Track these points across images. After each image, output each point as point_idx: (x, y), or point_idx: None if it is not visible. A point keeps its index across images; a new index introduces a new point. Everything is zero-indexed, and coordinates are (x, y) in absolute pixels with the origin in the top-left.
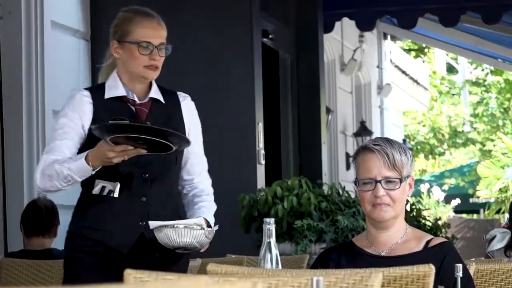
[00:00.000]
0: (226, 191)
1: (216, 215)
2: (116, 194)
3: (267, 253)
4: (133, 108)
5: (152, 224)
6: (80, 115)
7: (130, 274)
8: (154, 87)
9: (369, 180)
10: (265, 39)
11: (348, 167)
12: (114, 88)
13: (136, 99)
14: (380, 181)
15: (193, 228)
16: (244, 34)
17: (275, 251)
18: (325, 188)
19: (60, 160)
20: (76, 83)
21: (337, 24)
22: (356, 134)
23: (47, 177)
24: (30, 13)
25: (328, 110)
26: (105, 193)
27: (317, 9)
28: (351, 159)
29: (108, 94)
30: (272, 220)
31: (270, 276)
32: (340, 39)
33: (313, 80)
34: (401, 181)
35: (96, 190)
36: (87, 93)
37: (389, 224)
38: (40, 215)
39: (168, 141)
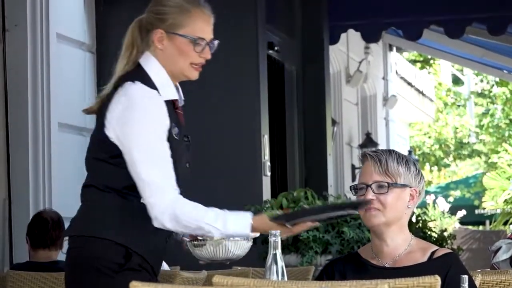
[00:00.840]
0: (232, 202)
1: None
2: None
3: (273, 265)
4: (175, 112)
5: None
6: (167, 124)
7: (136, 286)
8: (179, 88)
9: (362, 185)
10: (270, 51)
11: (353, 179)
12: (167, 88)
13: (181, 102)
14: (370, 185)
15: (247, 240)
16: (250, 46)
17: (281, 262)
18: (331, 200)
19: (207, 216)
20: (82, 96)
21: (343, 35)
22: (362, 146)
23: (183, 225)
24: (36, 25)
25: (334, 122)
26: None
27: (322, 20)
28: (357, 170)
29: (165, 95)
30: (278, 232)
31: (276, 287)
32: (346, 51)
33: (318, 92)
34: (390, 185)
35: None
36: (156, 92)
37: (382, 230)
38: (46, 227)
39: (348, 212)
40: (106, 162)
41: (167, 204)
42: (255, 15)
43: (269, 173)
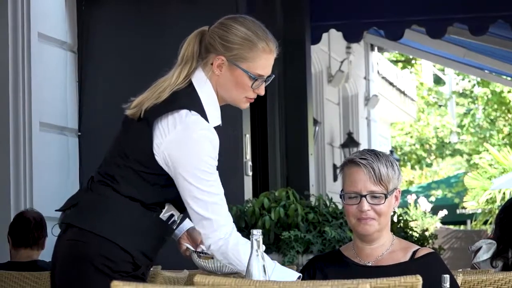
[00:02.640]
0: None
1: None
2: (175, 226)
3: (254, 263)
4: None
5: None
6: (217, 159)
7: (117, 285)
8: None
9: (355, 194)
10: None
11: (335, 179)
12: (214, 112)
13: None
14: (365, 196)
15: None
16: None
17: (262, 262)
18: (312, 200)
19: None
20: (63, 95)
21: (325, 35)
22: (344, 146)
23: (228, 262)
24: (17, 24)
25: (315, 122)
26: (170, 221)
27: (304, 20)
28: (338, 170)
29: (212, 122)
30: (260, 231)
31: (257, 287)
32: (328, 51)
33: (300, 92)
34: (386, 196)
35: (164, 216)
36: (209, 125)
37: (374, 237)
38: (29, 227)
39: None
40: (139, 174)
41: (221, 238)
42: (236, 14)
43: (250, 173)
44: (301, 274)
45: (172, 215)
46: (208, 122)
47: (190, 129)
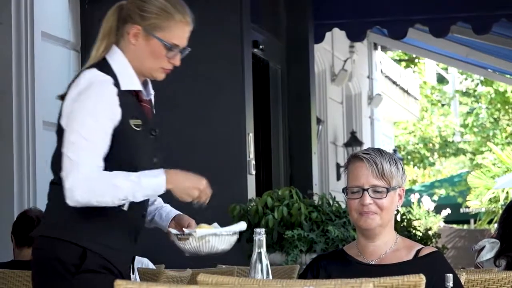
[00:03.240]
0: (217, 201)
1: None
2: (126, 207)
3: (257, 263)
4: (138, 103)
5: (200, 231)
6: (113, 113)
7: (120, 285)
8: (149, 81)
9: (357, 188)
10: (255, 50)
11: (338, 178)
12: (129, 78)
13: (145, 95)
14: (367, 190)
15: (234, 234)
16: (235, 45)
17: (265, 261)
18: (316, 199)
19: (119, 174)
20: None
21: (328, 34)
22: (347, 145)
23: (98, 192)
24: (21, 24)
25: (319, 121)
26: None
27: (307, 19)
28: (341, 168)
29: (125, 85)
30: (263, 230)
31: (260, 286)
32: (331, 50)
33: (303, 91)
34: (388, 190)
35: None
36: (111, 79)
37: (376, 232)
38: (32, 225)
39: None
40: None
41: (83, 175)
42: (240, 14)
43: (254, 172)
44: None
45: None
46: (117, 83)
47: (84, 80)
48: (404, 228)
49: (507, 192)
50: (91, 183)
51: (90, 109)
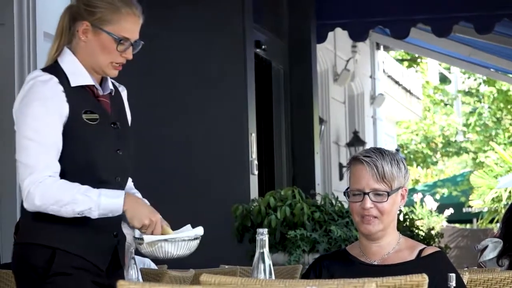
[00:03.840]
0: (220, 201)
1: (209, 225)
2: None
3: (260, 264)
4: (95, 99)
5: (148, 238)
6: (60, 109)
7: (123, 285)
8: (108, 77)
9: (358, 192)
10: (258, 50)
11: (341, 177)
12: (79, 75)
13: (100, 90)
14: (368, 193)
15: (190, 240)
16: (237, 45)
17: (268, 261)
18: (318, 199)
19: (80, 188)
20: None
21: (330, 34)
22: (349, 144)
23: (56, 201)
24: (23, 24)
25: (321, 120)
26: None
27: (310, 19)
28: (344, 168)
29: (75, 81)
30: (265, 230)
31: (263, 286)
32: (333, 50)
33: (306, 91)
34: (389, 194)
35: None
36: (55, 78)
37: (378, 236)
38: None
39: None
40: None
41: (38, 179)
42: (243, 14)
43: (256, 172)
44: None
45: None
46: (66, 81)
47: (26, 81)
48: (406, 228)
49: (510, 192)
50: (47, 188)
51: (33, 110)
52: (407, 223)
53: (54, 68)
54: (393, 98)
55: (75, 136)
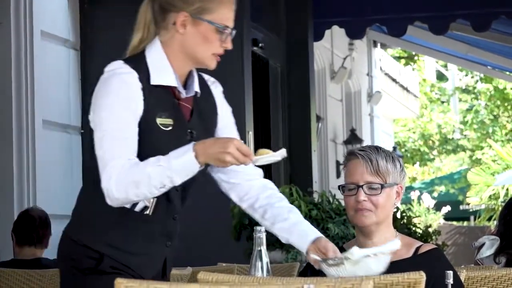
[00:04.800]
0: (217, 199)
1: (207, 223)
2: (150, 212)
3: (257, 261)
4: (175, 101)
5: (357, 252)
6: (135, 107)
7: (121, 283)
8: (196, 77)
9: (352, 185)
10: (255, 48)
11: (338, 175)
12: (162, 73)
13: (183, 92)
14: (362, 186)
15: (387, 254)
16: (234, 43)
17: (265, 259)
18: (316, 196)
19: (149, 161)
20: (66, 93)
21: (327, 32)
22: (346, 142)
23: (132, 184)
24: (20, 23)
25: (318, 118)
26: (138, 209)
27: (307, 17)
28: (341, 166)
29: (156, 79)
30: (263, 228)
31: (260, 284)
32: (330, 47)
33: (303, 88)
34: (383, 187)
35: (128, 204)
36: (135, 74)
37: (372, 229)
38: (34, 225)
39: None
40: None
41: (109, 173)
42: (240, 12)
43: None
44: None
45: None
46: (146, 77)
47: (106, 72)
48: (404, 226)
49: (507, 189)
50: (123, 176)
51: (107, 102)
52: (404, 221)
53: (137, 61)
54: (390, 95)
55: (146, 140)
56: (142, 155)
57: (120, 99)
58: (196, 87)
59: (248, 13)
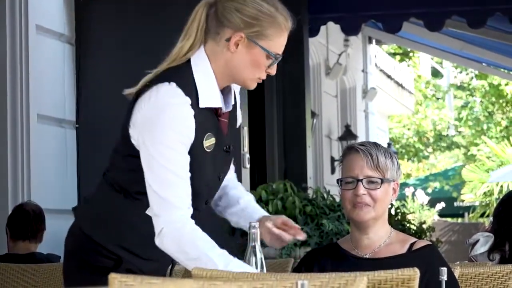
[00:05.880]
0: None
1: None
2: None
3: (251, 257)
4: (216, 119)
5: None
6: (189, 137)
7: (115, 278)
8: (233, 90)
9: (351, 179)
10: None
11: (333, 171)
12: (210, 94)
13: (224, 107)
14: (361, 180)
15: None
16: None
17: (259, 254)
18: (310, 192)
19: (208, 242)
20: (61, 87)
21: (322, 28)
22: (341, 138)
23: (182, 250)
24: (15, 17)
25: (313, 114)
26: None
27: (302, 13)
28: (336, 162)
29: (204, 102)
30: (257, 223)
31: (254, 279)
32: (325, 43)
33: (298, 84)
34: (383, 181)
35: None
36: (188, 100)
37: (369, 224)
38: (28, 219)
39: None
40: (123, 158)
41: (175, 220)
42: None
43: (248, 165)
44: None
45: None
46: (196, 100)
47: (160, 98)
48: (398, 222)
49: (501, 186)
50: (181, 235)
51: (168, 138)
52: (399, 217)
53: (185, 78)
54: (385, 92)
55: (190, 162)
56: None
57: (180, 135)
58: (233, 100)
59: None
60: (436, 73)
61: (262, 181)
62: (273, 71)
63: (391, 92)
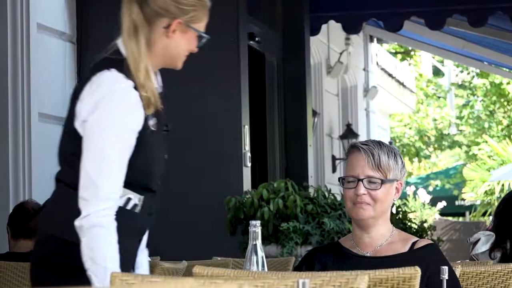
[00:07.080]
0: (212, 193)
1: (202, 217)
2: (138, 210)
3: (253, 256)
4: None
5: None
6: (138, 122)
7: (116, 276)
8: (158, 72)
9: (352, 178)
10: (251, 42)
11: (334, 170)
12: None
13: (160, 88)
14: (362, 180)
15: None
16: (231, 36)
17: (261, 253)
18: (311, 191)
19: (114, 250)
20: (62, 86)
21: (324, 27)
22: (342, 137)
23: (90, 248)
24: (16, 15)
25: (314, 113)
26: (129, 206)
27: (303, 12)
28: (337, 161)
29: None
30: (258, 222)
31: (256, 278)
32: (327, 42)
33: (299, 83)
34: (383, 182)
35: (120, 202)
36: (131, 83)
37: (369, 223)
38: (29, 217)
39: None
40: (74, 156)
41: (102, 214)
42: (236, 6)
43: (249, 164)
44: None
45: (129, 199)
46: (135, 83)
47: (103, 85)
48: (399, 221)
49: (503, 185)
50: (98, 233)
51: (112, 123)
52: (400, 216)
53: (124, 66)
54: (386, 90)
55: (142, 148)
56: (137, 163)
57: (127, 120)
58: (160, 81)
59: (245, 7)
60: (437, 72)
61: (263, 179)
62: (196, 48)
63: (392, 91)
